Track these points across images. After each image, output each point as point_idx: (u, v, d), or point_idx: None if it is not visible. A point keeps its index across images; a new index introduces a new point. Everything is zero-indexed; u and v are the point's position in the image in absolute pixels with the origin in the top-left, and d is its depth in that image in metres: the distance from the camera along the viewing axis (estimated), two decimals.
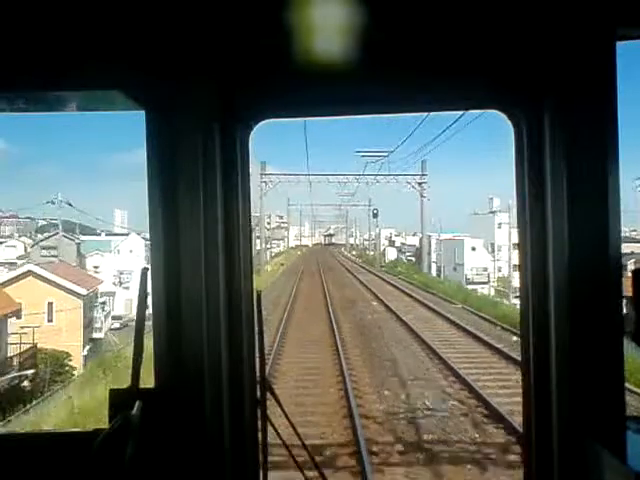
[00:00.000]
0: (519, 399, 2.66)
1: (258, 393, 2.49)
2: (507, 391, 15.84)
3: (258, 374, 2.51)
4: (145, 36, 2.28)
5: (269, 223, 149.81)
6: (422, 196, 60.45)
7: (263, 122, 2.54)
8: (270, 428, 2.48)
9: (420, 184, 59.93)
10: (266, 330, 17.53)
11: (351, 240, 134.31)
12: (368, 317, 30.40)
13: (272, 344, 21.70)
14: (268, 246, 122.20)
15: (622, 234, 2.30)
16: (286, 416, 2.62)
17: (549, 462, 2.32)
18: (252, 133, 2.54)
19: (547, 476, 2.33)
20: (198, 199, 2.31)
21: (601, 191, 2.22)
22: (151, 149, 2.33)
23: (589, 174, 2.23)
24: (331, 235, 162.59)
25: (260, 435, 2.48)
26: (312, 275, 56.66)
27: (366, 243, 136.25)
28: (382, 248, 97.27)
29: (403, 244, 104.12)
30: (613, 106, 2.24)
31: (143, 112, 2.34)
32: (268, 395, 2.51)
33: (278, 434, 2.51)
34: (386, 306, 33.47)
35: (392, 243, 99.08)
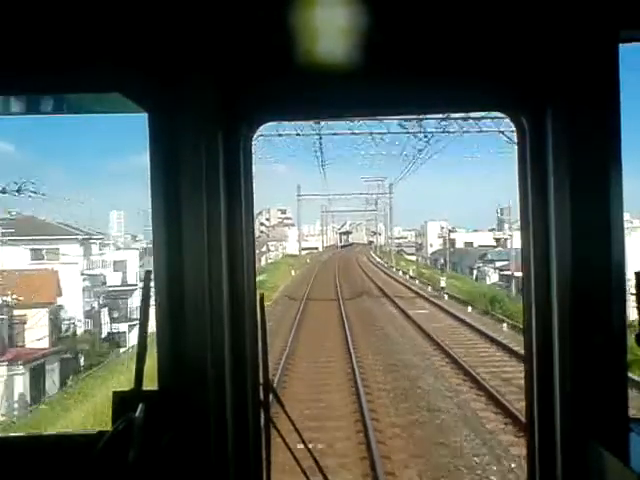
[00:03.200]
0: None
1: (262, 395, 2.54)
2: None
3: (261, 376, 2.56)
4: (147, 38, 2.32)
5: (268, 219, 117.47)
6: None
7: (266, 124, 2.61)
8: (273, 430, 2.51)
9: None
10: None
11: (375, 238, 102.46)
12: None
13: None
14: (264, 249, 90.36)
15: None
16: (289, 419, 2.64)
17: (552, 463, 2.37)
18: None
19: (550, 477, 2.38)
20: (201, 201, 2.36)
21: (603, 191, 2.26)
22: (154, 152, 2.37)
23: (592, 175, 2.27)
24: (348, 233, 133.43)
25: (263, 437, 2.52)
26: None
27: (391, 242, 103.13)
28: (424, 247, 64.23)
29: (469, 244, 69.39)
30: (616, 108, 2.28)
31: (145, 115, 2.39)
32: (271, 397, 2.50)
33: (282, 436, 2.52)
34: None
35: (452, 243, 64.46)
